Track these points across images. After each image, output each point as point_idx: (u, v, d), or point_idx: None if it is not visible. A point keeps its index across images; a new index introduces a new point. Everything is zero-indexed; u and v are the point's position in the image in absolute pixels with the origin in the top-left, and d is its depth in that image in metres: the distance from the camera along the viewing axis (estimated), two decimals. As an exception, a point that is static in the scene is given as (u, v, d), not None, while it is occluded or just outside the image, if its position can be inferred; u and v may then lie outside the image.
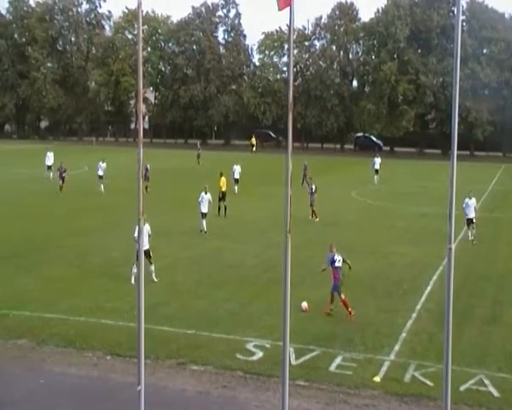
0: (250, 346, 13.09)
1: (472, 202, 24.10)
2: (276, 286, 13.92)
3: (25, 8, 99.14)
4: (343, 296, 14.89)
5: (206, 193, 25.05)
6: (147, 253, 17.08)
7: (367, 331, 14.04)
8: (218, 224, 26.67)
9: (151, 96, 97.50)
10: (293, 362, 12.06)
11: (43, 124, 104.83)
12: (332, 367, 12.18)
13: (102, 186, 35.60)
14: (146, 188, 35.51)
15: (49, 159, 41.46)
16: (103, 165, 36.71)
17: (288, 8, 7.50)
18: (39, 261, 19.93)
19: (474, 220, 24.01)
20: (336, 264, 15.09)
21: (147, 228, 17.04)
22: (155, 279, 17.31)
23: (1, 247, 21.60)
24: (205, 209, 24.76)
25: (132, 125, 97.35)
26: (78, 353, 12.77)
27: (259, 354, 12.70)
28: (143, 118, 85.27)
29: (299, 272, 16.47)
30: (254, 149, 75.00)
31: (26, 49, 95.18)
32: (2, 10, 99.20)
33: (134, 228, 16.14)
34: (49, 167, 41.06)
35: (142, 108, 70.71)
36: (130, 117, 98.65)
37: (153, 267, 17.41)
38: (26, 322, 14.23)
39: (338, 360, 12.45)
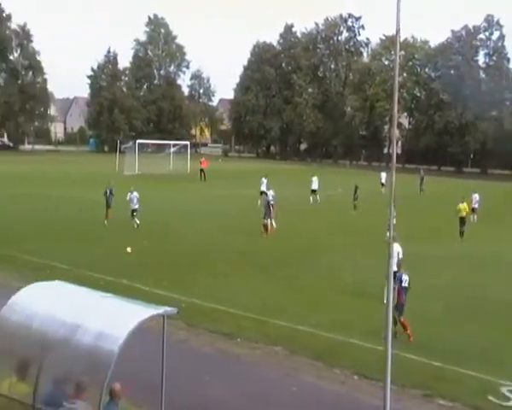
0: (504, 390, 12.31)
1: None
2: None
3: (292, 39, 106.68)
4: (402, 319, 14.85)
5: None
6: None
7: None
8: (460, 252, 25.84)
9: (405, 121, 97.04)
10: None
11: (303, 146, 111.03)
12: None
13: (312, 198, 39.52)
14: (354, 207, 37.97)
15: (314, 183, 42.34)
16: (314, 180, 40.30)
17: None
18: (294, 274, 21.26)
19: None
20: (403, 284, 15.00)
21: (397, 249, 17.14)
22: None
23: (261, 257, 23.57)
24: None
25: (385, 150, 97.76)
26: (327, 368, 13.35)
27: (515, 401, 11.95)
28: (396, 143, 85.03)
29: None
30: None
31: (291, 77, 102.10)
32: (274, 42, 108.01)
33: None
34: (314, 191, 41.91)
35: (396, 132, 70.70)
36: (383, 142, 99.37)
37: None
38: (281, 331, 15.34)
39: None
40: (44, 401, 8.36)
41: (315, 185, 42.33)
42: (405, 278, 15.21)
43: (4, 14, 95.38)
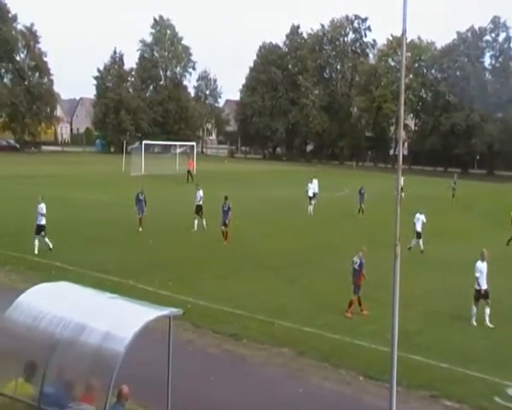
0: (510, 391, 12.29)
1: None
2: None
3: (298, 40, 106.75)
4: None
5: (420, 213, 26.35)
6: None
7: None
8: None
9: (411, 122, 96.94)
10: None
11: (309, 147, 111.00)
12: None
13: (311, 207, 36.99)
14: (361, 211, 36.50)
15: (314, 186, 39.85)
16: (314, 183, 38.42)
17: None
18: (301, 276, 21.23)
19: None
20: (354, 266, 16.84)
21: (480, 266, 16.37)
22: (489, 325, 16.24)
23: (267, 259, 23.52)
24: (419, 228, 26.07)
25: (391, 151, 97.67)
26: (333, 369, 13.33)
27: (520, 402, 11.90)
28: (403, 144, 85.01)
29: None
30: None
31: (297, 78, 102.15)
32: (280, 43, 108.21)
33: None
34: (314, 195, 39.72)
35: (402, 134, 70.47)
36: (389, 143, 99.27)
37: (488, 310, 16.41)
38: (287, 332, 15.31)
39: None
40: (50, 402, 8.36)
41: (315, 189, 40.14)
42: (356, 260, 16.89)
43: (10, 15, 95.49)
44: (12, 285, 17.59)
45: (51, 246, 22.90)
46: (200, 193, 30.15)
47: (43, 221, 23.01)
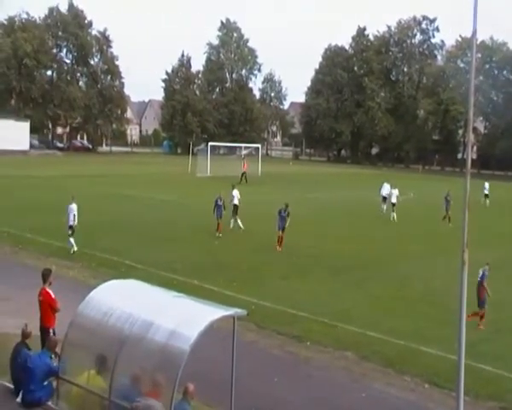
0: None
1: None
2: None
3: (364, 42, 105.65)
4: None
5: None
6: None
7: None
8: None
9: (481, 125, 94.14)
10: None
11: (374, 150, 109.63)
12: None
13: (394, 215, 35.17)
14: (447, 217, 33.85)
15: (385, 189, 38.77)
16: (395, 190, 36.14)
17: None
18: (365, 279, 21.01)
19: None
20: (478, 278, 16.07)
21: None
22: None
23: (332, 261, 23.41)
24: None
25: (459, 155, 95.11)
26: (397, 375, 13.12)
27: None
28: (472, 148, 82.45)
29: None
30: None
31: (363, 80, 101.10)
32: (346, 45, 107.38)
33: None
34: (384, 198, 38.29)
35: (471, 137, 68.46)
36: (457, 146, 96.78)
37: None
38: (351, 336, 15.18)
39: None
40: (119, 395, 8.64)
41: (392, 194, 37.28)
42: (480, 272, 16.20)
43: (86, 21, 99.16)
44: (84, 281, 18.26)
45: (75, 249, 22.54)
46: (236, 193, 29.94)
47: (73, 222, 22.72)
